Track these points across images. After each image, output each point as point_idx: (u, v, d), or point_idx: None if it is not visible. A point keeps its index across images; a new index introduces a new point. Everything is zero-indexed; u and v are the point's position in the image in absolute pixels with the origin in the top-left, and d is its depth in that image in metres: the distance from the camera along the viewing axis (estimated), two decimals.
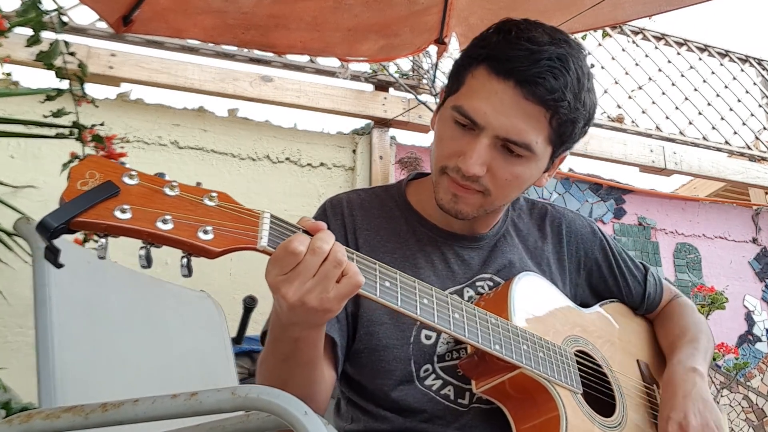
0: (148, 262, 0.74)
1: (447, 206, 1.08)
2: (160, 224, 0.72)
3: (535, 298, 1.10)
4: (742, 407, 3.89)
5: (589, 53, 4.06)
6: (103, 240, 0.71)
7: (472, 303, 1.09)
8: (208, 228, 0.75)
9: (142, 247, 0.73)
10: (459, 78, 1.06)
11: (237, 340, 2.18)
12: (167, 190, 0.75)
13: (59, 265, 0.71)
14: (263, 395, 0.75)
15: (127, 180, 0.72)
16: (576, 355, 1.10)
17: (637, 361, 1.24)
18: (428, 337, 1.09)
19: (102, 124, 1.99)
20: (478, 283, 1.15)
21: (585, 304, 1.26)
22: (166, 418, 0.80)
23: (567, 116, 1.01)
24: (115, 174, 0.72)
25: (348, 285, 0.82)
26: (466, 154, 1.01)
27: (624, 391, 1.14)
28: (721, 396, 3.79)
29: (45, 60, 1.84)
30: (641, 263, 1.36)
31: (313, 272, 0.80)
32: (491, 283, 1.15)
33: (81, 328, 1.25)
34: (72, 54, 1.87)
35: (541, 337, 1.04)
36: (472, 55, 1.05)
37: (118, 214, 0.70)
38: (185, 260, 0.76)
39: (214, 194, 0.78)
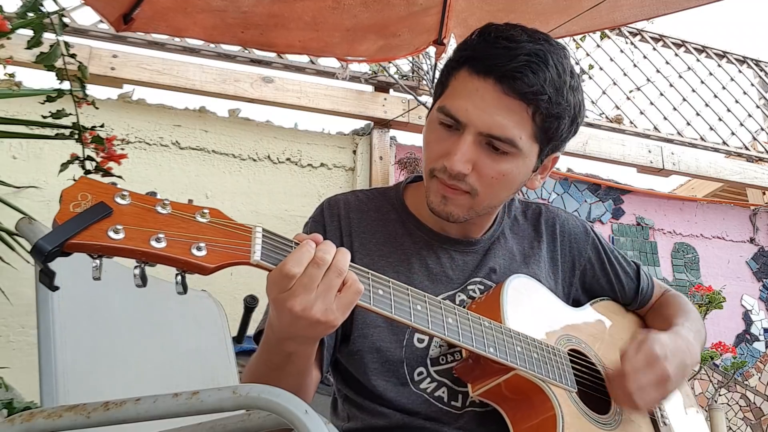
0: (143, 281, 0.74)
1: (437, 209, 1.08)
2: (153, 243, 0.72)
3: (527, 300, 1.11)
4: (740, 406, 3.90)
5: (588, 54, 4.09)
6: (97, 261, 0.71)
7: (464, 307, 1.09)
8: (201, 245, 0.75)
9: (136, 266, 0.73)
10: (444, 82, 1.08)
11: (238, 339, 2.18)
12: (159, 209, 0.75)
13: (54, 288, 0.71)
14: (264, 394, 0.76)
15: (119, 200, 0.73)
16: (569, 354, 1.11)
17: None
18: (421, 341, 1.10)
19: (102, 126, 1.99)
20: (469, 287, 1.15)
21: (578, 303, 1.27)
22: (168, 416, 0.80)
23: (549, 111, 1.01)
24: (107, 195, 0.72)
25: (349, 294, 0.82)
26: (450, 153, 1.02)
27: None
28: (719, 395, 3.81)
29: (45, 62, 1.84)
30: (633, 261, 1.37)
31: (317, 283, 0.80)
32: (482, 287, 1.16)
33: (83, 328, 1.26)
34: (72, 56, 1.88)
35: (535, 338, 1.05)
36: (454, 58, 1.07)
37: (111, 234, 0.70)
38: (179, 277, 0.76)
39: (205, 211, 0.78)
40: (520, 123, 1.01)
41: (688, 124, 4.22)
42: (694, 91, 4.31)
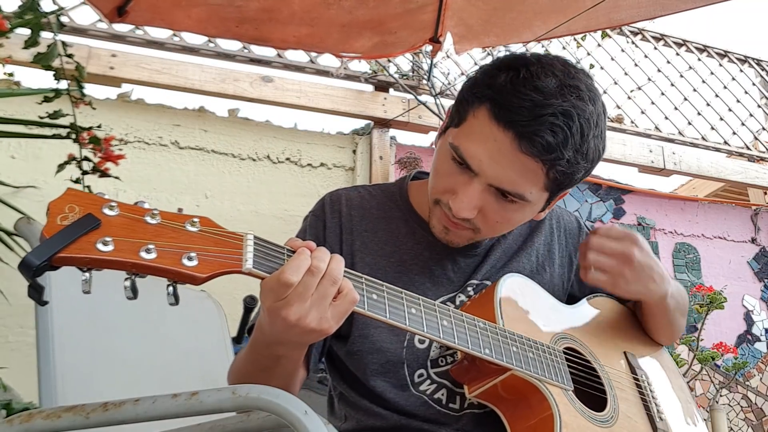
0: (133, 293, 0.73)
1: (439, 235, 1.10)
2: (143, 254, 0.71)
3: (521, 299, 1.11)
4: (741, 407, 3.90)
5: (589, 53, 4.08)
6: (86, 274, 0.70)
7: (460, 307, 1.10)
8: (192, 254, 0.74)
9: (126, 278, 0.72)
10: (461, 112, 1.03)
11: (237, 339, 2.18)
12: (148, 219, 0.74)
13: (44, 303, 0.70)
14: (264, 395, 0.76)
15: (107, 211, 0.72)
16: (565, 352, 1.11)
17: (624, 352, 1.24)
18: (422, 342, 1.10)
19: (99, 126, 1.99)
20: (468, 288, 1.16)
21: (574, 299, 1.27)
22: (167, 417, 0.80)
23: (565, 170, 0.99)
24: (95, 206, 0.72)
25: (344, 303, 0.83)
26: (457, 196, 1.01)
27: (614, 384, 1.15)
28: (720, 396, 3.80)
29: (43, 62, 1.83)
30: None
31: (311, 291, 0.80)
32: (480, 287, 1.16)
33: (81, 328, 1.26)
34: (69, 56, 1.87)
35: (530, 337, 1.05)
36: (476, 92, 1.00)
37: (100, 246, 0.69)
38: (171, 288, 0.75)
39: (195, 220, 0.77)
40: (533, 180, 0.99)
41: (690, 123, 4.21)
42: (695, 90, 4.30)
